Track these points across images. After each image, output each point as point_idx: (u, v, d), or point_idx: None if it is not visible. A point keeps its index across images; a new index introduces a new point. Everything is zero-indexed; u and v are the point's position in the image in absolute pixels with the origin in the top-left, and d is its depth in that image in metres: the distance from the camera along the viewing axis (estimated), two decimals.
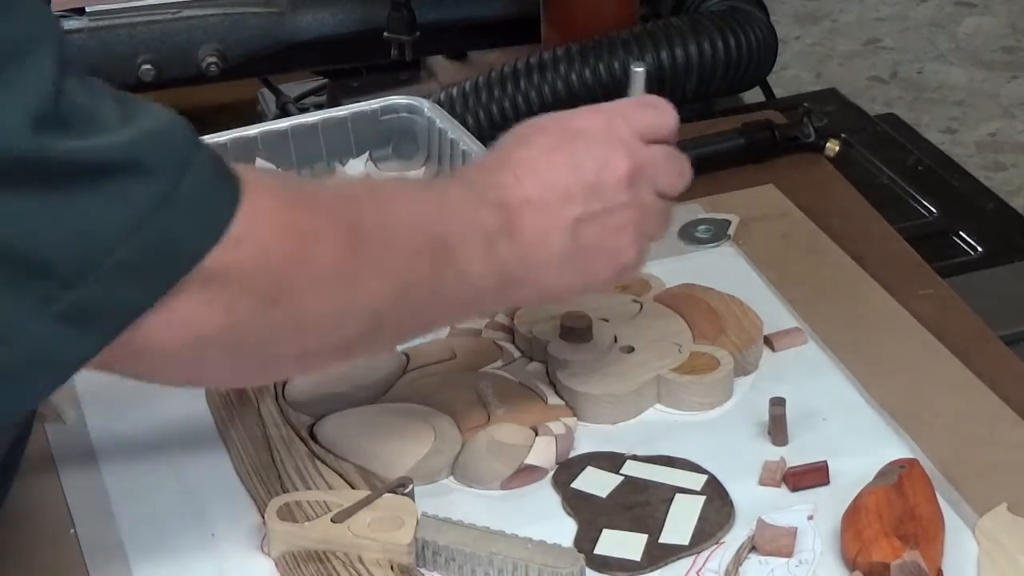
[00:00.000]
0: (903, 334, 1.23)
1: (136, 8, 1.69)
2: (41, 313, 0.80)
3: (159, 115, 0.84)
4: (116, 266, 0.81)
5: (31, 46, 0.80)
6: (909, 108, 3.24)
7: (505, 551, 1.00)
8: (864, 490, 1.04)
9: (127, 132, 0.82)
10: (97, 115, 0.82)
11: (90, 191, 0.80)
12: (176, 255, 0.83)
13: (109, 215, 0.80)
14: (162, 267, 0.82)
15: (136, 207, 0.81)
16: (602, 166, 1.01)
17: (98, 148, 0.80)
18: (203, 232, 0.83)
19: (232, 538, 1.05)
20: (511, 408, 1.14)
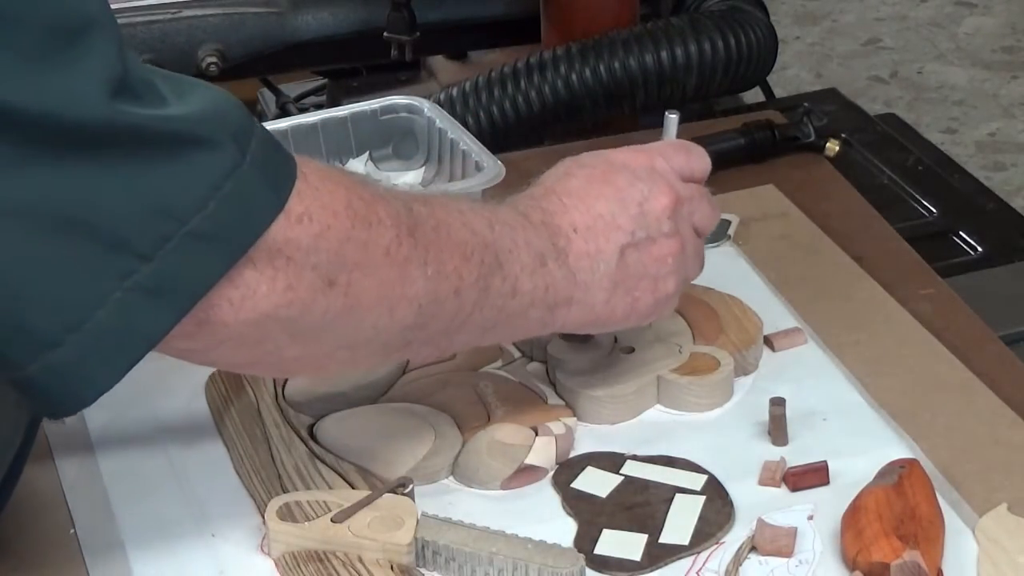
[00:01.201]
0: (903, 334, 1.23)
1: (136, 8, 1.69)
2: (120, 286, 0.81)
3: (212, 92, 0.86)
4: (189, 237, 0.82)
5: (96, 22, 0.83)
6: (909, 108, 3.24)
7: (505, 551, 1.00)
8: (864, 490, 1.04)
9: (190, 106, 0.84)
10: (159, 88, 0.84)
11: (165, 160, 0.81)
12: (246, 224, 0.84)
13: (183, 185, 0.82)
14: (233, 236, 0.84)
15: (207, 178, 0.83)
16: (646, 197, 1.05)
17: (171, 117, 0.82)
18: (269, 201, 0.85)
19: (232, 538, 1.05)
20: (511, 408, 1.14)
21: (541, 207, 1.04)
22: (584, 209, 1.04)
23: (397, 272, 0.92)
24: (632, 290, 1.05)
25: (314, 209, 0.88)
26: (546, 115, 1.66)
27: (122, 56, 0.83)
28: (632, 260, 1.04)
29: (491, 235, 0.99)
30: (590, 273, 1.03)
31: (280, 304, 0.87)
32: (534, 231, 1.02)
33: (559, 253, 1.02)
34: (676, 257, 1.06)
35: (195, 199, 0.82)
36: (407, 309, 0.93)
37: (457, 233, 0.96)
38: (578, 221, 1.04)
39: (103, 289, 0.81)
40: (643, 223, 1.05)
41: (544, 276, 1.01)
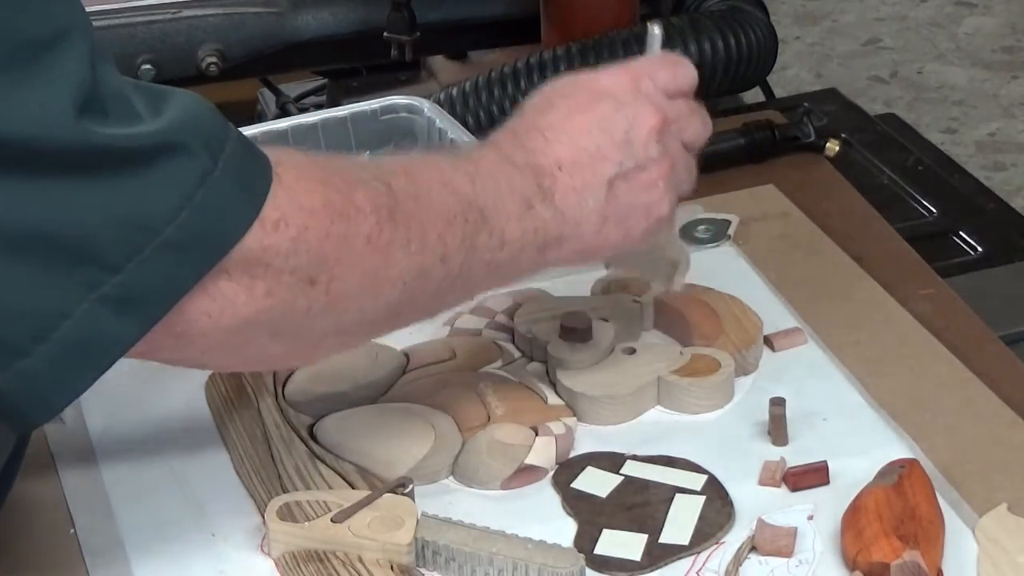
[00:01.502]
0: (903, 334, 1.23)
1: (136, 8, 1.69)
2: (87, 297, 0.81)
3: (187, 99, 0.86)
4: (160, 247, 0.82)
5: (67, 34, 0.81)
6: (909, 108, 3.24)
7: (505, 551, 1.00)
8: (864, 490, 1.04)
9: (163, 117, 0.83)
10: (130, 101, 0.83)
11: (134, 175, 0.81)
12: (218, 233, 0.84)
13: (153, 197, 0.82)
14: (205, 246, 0.84)
15: (178, 188, 0.82)
16: (631, 123, 1.03)
17: (138, 133, 0.82)
18: (242, 209, 0.85)
19: (232, 538, 1.05)
20: (511, 408, 1.14)
21: (524, 146, 1.02)
22: (568, 143, 1.02)
23: (380, 258, 0.91)
24: (624, 220, 1.03)
25: (290, 213, 0.87)
26: None
27: (92, 69, 0.82)
28: (622, 191, 1.02)
29: (473, 190, 0.97)
30: (579, 209, 1.01)
31: (260, 310, 0.87)
32: (518, 174, 1.00)
33: (545, 193, 1.00)
34: (667, 179, 1.04)
35: (166, 210, 0.82)
36: (392, 289, 0.93)
37: (439, 198, 0.95)
38: (563, 157, 1.01)
39: (70, 300, 0.81)
40: (630, 151, 1.03)
41: (532, 220, 0.99)
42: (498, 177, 0.99)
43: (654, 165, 1.03)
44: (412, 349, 1.22)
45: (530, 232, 0.99)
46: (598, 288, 1.28)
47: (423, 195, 0.95)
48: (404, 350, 1.22)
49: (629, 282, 1.28)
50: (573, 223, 1.01)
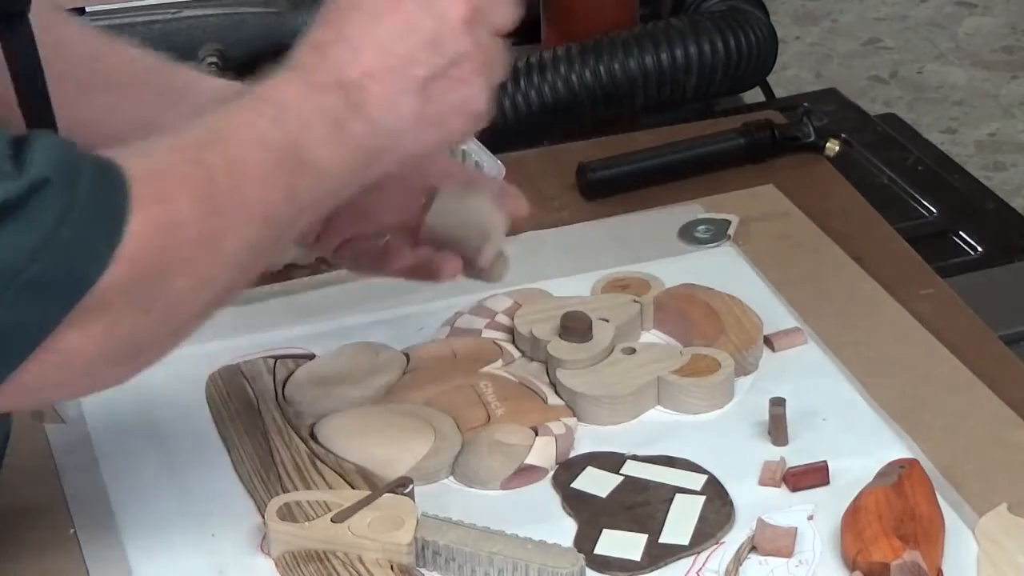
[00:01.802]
0: (903, 334, 1.23)
1: (136, 8, 1.69)
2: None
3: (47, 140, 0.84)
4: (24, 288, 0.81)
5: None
6: (909, 108, 3.24)
7: (505, 551, 1.00)
8: (864, 490, 1.04)
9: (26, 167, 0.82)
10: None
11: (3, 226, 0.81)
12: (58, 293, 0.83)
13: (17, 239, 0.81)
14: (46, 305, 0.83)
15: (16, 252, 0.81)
16: (439, 19, 0.99)
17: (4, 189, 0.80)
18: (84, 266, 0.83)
19: (232, 538, 1.05)
20: (511, 408, 1.14)
21: (329, 61, 0.97)
22: (376, 50, 0.97)
23: (210, 253, 0.90)
24: (442, 119, 1.00)
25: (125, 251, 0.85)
26: (546, 115, 1.66)
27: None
28: (436, 92, 0.99)
29: (282, 132, 0.94)
30: (395, 117, 0.97)
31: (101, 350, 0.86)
32: (326, 95, 0.96)
33: (357, 108, 0.96)
34: (480, 75, 1.00)
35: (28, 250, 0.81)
36: (226, 272, 0.92)
37: (253, 158, 0.92)
38: (372, 65, 0.97)
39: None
40: (441, 49, 0.98)
41: (348, 141, 0.96)
42: (304, 106, 0.95)
43: (467, 60, 0.99)
44: (412, 349, 1.22)
45: (348, 155, 0.97)
46: (598, 288, 1.28)
47: (236, 161, 0.92)
48: (404, 350, 1.22)
49: (629, 282, 1.28)
50: (390, 132, 0.98)
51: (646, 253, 1.34)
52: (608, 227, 1.41)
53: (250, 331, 1.25)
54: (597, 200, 1.45)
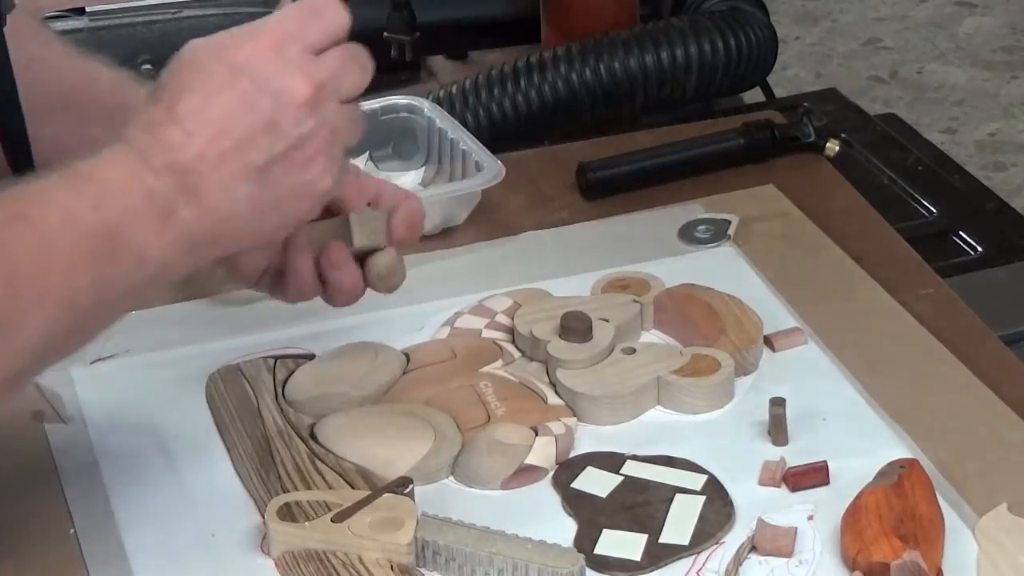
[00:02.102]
0: (903, 334, 1.23)
1: (136, 8, 1.69)
2: None
3: None
4: None
5: None
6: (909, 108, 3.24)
7: (505, 551, 1.00)
8: (864, 490, 1.04)
9: None
10: None
11: None
12: None
13: None
14: None
15: None
16: (277, 100, 0.94)
17: None
18: None
19: (232, 538, 1.05)
20: (511, 408, 1.14)
21: (162, 142, 0.91)
22: (210, 133, 0.92)
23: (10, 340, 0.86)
24: (283, 204, 0.95)
25: None
26: (546, 114, 1.66)
27: None
28: (276, 175, 0.94)
29: (100, 217, 0.89)
30: (230, 205, 0.92)
31: None
32: (156, 178, 0.90)
33: (189, 195, 0.91)
34: (326, 151, 0.96)
35: None
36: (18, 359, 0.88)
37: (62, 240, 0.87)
38: (206, 150, 0.91)
39: None
40: (280, 132, 0.93)
41: (175, 228, 0.91)
42: (131, 190, 0.90)
43: (309, 141, 0.95)
44: (412, 349, 1.22)
45: (173, 242, 0.91)
46: (598, 288, 1.28)
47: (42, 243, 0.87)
48: (404, 350, 1.22)
49: (629, 282, 1.28)
50: (225, 220, 0.93)
51: (646, 253, 1.34)
52: (608, 227, 1.41)
53: (250, 331, 1.25)
54: (597, 200, 1.45)
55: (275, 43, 0.95)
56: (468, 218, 1.42)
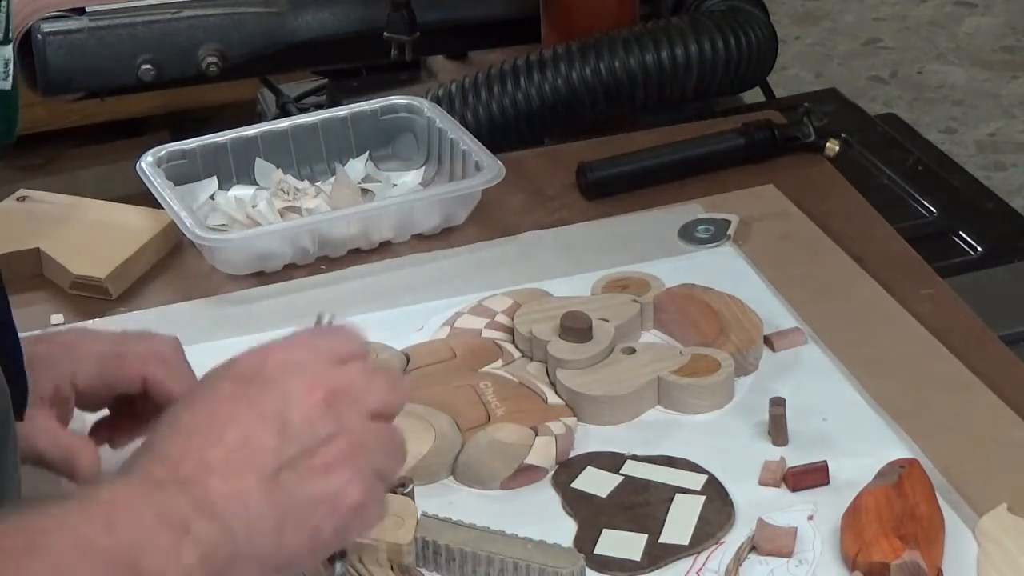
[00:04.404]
0: (903, 334, 1.23)
1: (136, 8, 1.69)
2: None
3: None
4: None
5: None
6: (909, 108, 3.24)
7: (505, 551, 1.00)
8: (864, 490, 1.04)
9: None
10: None
11: None
12: None
13: None
14: None
15: None
16: (286, 401, 0.86)
17: None
18: None
19: None
20: (511, 408, 1.14)
21: (164, 457, 0.84)
22: (214, 441, 0.84)
23: None
24: (306, 519, 0.85)
25: None
26: (545, 113, 1.66)
27: None
28: (291, 483, 0.84)
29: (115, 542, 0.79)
30: (245, 518, 0.83)
31: None
32: (164, 495, 0.82)
33: (201, 508, 0.82)
34: (348, 464, 0.86)
35: None
36: None
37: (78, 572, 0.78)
38: (211, 459, 0.83)
39: None
40: (291, 434, 0.85)
41: (194, 546, 0.81)
42: (141, 509, 0.81)
43: (326, 445, 0.85)
44: (412, 349, 1.22)
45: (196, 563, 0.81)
46: (598, 288, 1.28)
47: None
48: (404, 350, 1.22)
49: (629, 282, 1.28)
50: (244, 536, 0.83)
51: (646, 253, 1.35)
52: (608, 227, 1.41)
53: (250, 331, 1.24)
54: (597, 200, 1.45)
55: (286, 350, 0.90)
56: (468, 218, 1.42)
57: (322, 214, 1.41)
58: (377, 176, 1.50)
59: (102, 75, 1.68)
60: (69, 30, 1.65)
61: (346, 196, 1.44)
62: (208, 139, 1.46)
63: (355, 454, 0.86)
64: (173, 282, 1.37)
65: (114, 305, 1.33)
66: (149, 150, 1.43)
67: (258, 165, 1.47)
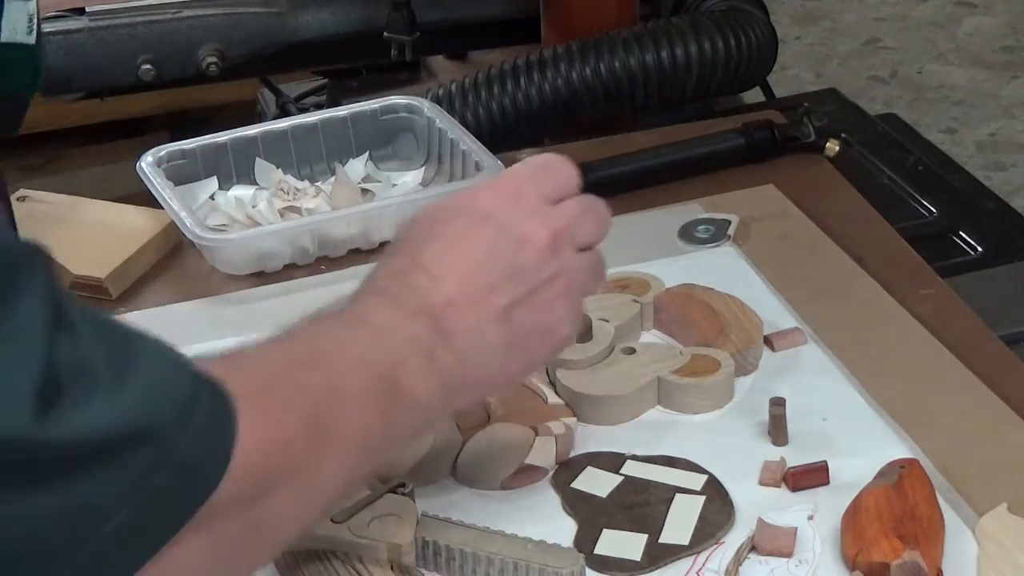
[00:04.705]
0: (903, 334, 1.23)
1: (136, 8, 1.69)
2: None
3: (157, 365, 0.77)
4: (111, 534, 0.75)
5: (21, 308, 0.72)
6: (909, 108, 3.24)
7: (505, 551, 1.00)
8: (864, 490, 1.04)
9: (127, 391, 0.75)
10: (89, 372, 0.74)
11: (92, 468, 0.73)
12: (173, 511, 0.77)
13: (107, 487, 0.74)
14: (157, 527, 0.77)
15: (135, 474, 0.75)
16: (519, 245, 0.97)
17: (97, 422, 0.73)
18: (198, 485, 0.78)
19: None
20: (511, 408, 1.14)
21: (412, 288, 0.95)
22: (457, 278, 0.95)
23: (314, 478, 0.86)
24: (526, 347, 0.98)
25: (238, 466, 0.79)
26: (545, 113, 1.66)
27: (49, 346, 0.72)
28: (519, 318, 0.96)
29: (381, 357, 0.91)
30: (479, 346, 0.95)
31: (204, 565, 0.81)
32: (415, 323, 0.93)
33: (444, 338, 0.94)
34: (565, 298, 0.99)
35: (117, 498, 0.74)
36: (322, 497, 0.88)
37: (353, 383, 0.89)
38: (454, 294, 0.95)
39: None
40: (522, 276, 0.97)
41: (438, 372, 0.93)
42: (396, 332, 0.92)
43: (549, 286, 0.98)
44: None
45: (438, 386, 0.93)
46: (598, 288, 1.28)
47: (340, 388, 0.88)
48: None
49: (629, 282, 1.28)
50: (477, 363, 0.95)
51: (646, 253, 1.34)
52: None
53: (250, 331, 1.24)
54: None
55: (513, 192, 0.99)
56: None
57: (322, 214, 1.41)
58: (377, 176, 1.50)
59: (102, 75, 1.68)
60: (69, 30, 1.65)
61: (346, 196, 1.44)
62: (208, 139, 1.46)
63: (570, 289, 0.99)
64: (173, 282, 1.37)
65: (114, 305, 1.33)
66: (149, 150, 1.43)
67: (258, 165, 1.47)
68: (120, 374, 0.75)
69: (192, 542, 0.78)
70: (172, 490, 0.76)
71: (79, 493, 0.73)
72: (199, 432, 0.77)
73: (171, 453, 0.75)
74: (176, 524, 0.77)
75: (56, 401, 0.71)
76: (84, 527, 0.74)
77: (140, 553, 0.77)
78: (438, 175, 1.49)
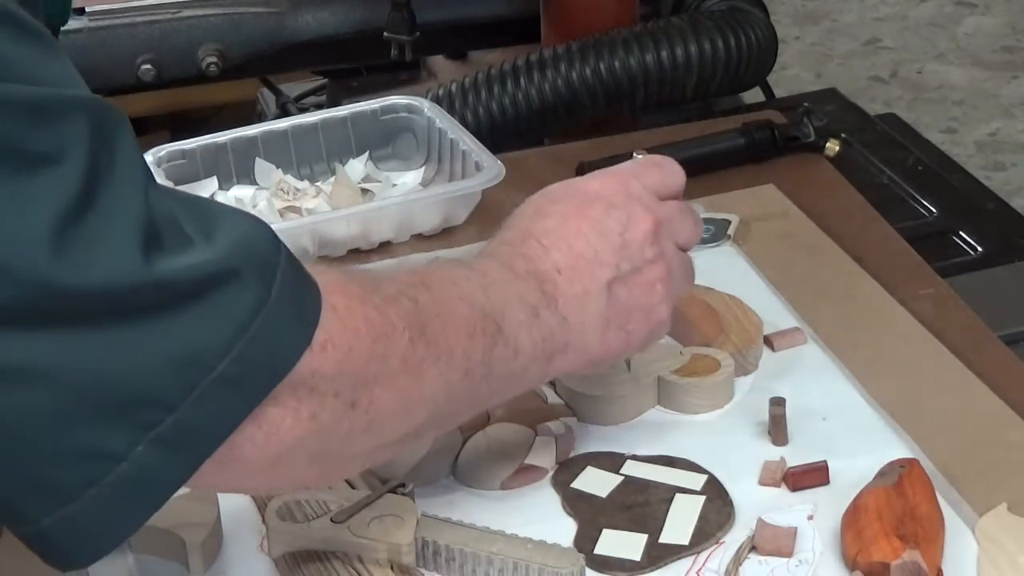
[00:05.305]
0: (903, 334, 1.23)
1: (136, 8, 1.69)
2: (142, 439, 0.77)
3: (238, 221, 0.82)
4: (215, 383, 0.78)
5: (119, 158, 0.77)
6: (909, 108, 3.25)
7: (505, 551, 1.00)
8: (864, 490, 1.04)
9: (215, 242, 0.79)
10: (180, 224, 0.79)
11: (190, 309, 0.77)
12: (273, 362, 0.81)
13: (209, 332, 0.78)
14: (260, 376, 0.80)
15: (235, 319, 0.79)
16: (625, 226, 1.03)
17: (194, 264, 0.78)
18: (296, 336, 0.82)
19: (232, 538, 1.05)
20: (511, 408, 1.14)
21: (522, 254, 1.01)
22: (565, 249, 1.01)
23: (414, 378, 0.89)
24: (625, 324, 1.02)
25: (335, 334, 0.84)
26: (545, 113, 1.67)
27: (146, 196, 0.77)
28: (621, 294, 1.02)
29: (487, 301, 0.96)
30: (581, 315, 1.00)
31: (304, 435, 0.84)
32: (523, 283, 0.99)
33: (549, 300, 0.99)
34: (664, 282, 1.04)
35: (221, 344, 0.78)
36: (423, 408, 0.91)
37: (459, 313, 0.93)
38: (561, 263, 1.01)
39: (125, 443, 0.77)
40: (626, 254, 1.02)
41: (540, 328, 0.98)
42: (506, 285, 0.98)
43: (651, 267, 1.03)
44: None
45: (539, 341, 0.98)
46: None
47: (446, 310, 0.93)
48: None
49: None
50: (577, 330, 1.00)
51: None
52: None
53: None
54: None
55: (623, 180, 1.05)
56: (468, 218, 1.42)
57: (322, 214, 1.41)
58: (377, 176, 1.50)
59: (102, 75, 1.68)
60: (69, 30, 1.65)
61: (346, 196, 1.44)
62: (208, 139, 1.46)
63: (667, 278, 1.04)
64: None
65: None
66: (149, 150, 1.43)
67: (258, 165, 1.47)
68: (206, 229, 0.80)
69: (290, 403, 0.82)
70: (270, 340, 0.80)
71: (178, 337, 0.77)
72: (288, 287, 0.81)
73: (265, 303, 0.80)
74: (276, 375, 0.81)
75: (156, 246, 0.77)
76: (190, 375, 0.78)
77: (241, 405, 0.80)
78: (438, 175, 1.49)
